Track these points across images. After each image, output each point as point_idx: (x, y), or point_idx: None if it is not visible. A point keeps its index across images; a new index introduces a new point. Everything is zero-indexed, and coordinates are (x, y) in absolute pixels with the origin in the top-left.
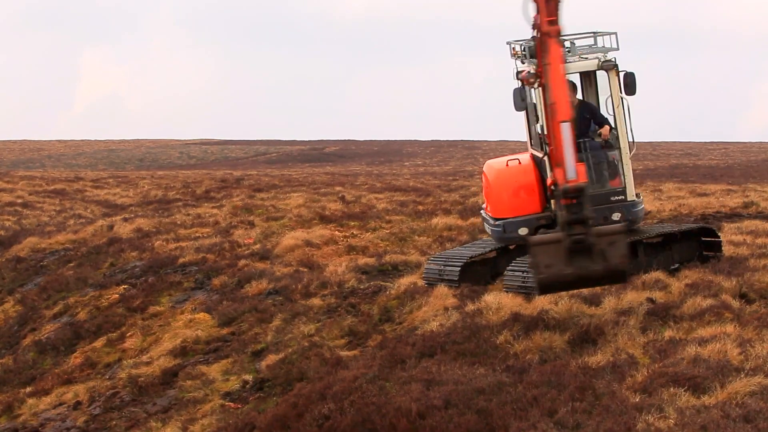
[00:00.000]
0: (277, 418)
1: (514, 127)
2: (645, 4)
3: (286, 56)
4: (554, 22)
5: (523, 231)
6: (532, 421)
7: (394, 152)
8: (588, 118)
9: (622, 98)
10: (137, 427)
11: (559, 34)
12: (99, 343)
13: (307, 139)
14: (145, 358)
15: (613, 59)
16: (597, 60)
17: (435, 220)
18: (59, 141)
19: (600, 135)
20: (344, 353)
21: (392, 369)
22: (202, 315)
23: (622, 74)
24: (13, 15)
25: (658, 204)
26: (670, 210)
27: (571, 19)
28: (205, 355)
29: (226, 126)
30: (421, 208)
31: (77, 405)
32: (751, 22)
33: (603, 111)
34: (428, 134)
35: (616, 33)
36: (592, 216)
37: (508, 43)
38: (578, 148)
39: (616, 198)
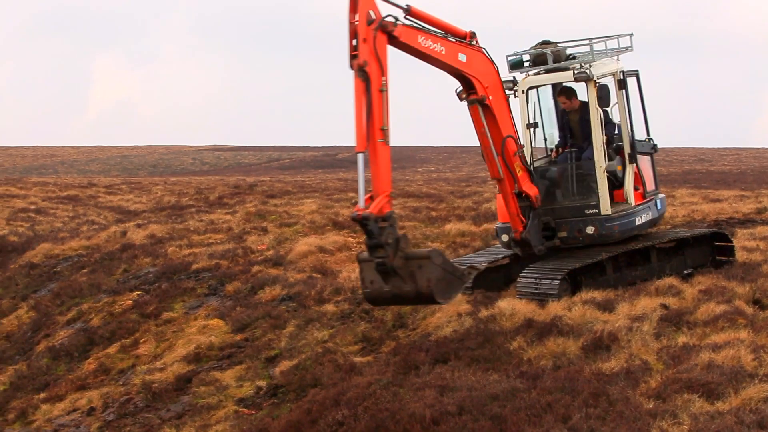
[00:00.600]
0: (291, 425)
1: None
2: (658, 8)
3: (300, 62)
4: (354, 56)
5: (504, 237)
6: (546, 428)
7: (407, 158)
8: (588, 121)
9: (598, 109)
10: None
11: (360, 68)
12: (113, 349)
13: (320, 145)
14: (158, 364)
15: (587, 70)
16: (571, 71)
17: (448, 226)
18: (72, 147)
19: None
20: (358, 359)
21: (406, 375)
22: (215, 321)
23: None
24: (25, 22)
25: (671, 210)
26: (683, 216)
27: (589, 18)
28: (218, 361)
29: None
30: (434, 214)
31: (91, 411)
32: (766, 28)
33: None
34: (441, 140)
35: (632, 34)
36: (389, 241)
37: (507, 56)
38: (563, 159)
39: (590, 212)
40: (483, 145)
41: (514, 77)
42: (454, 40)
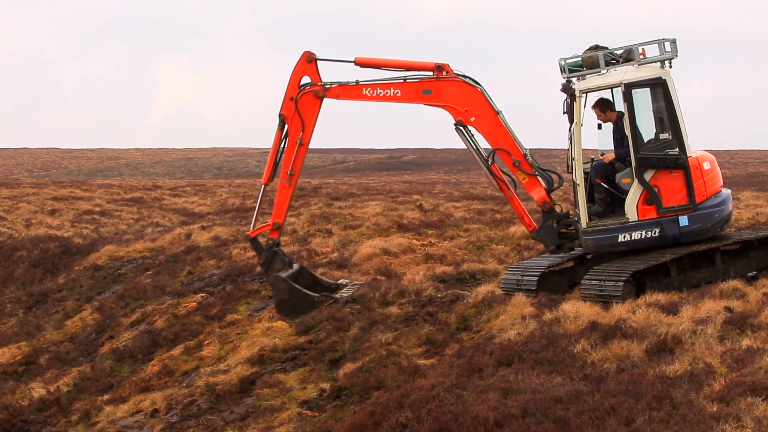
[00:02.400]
0: (355, 427)
1: (593, 136)
2: (724, 9)
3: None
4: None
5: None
6: (610, 430)
7: (472, 161)
8: (613, 134)
9: (579, 123)
10: None
11: (281, 118)
12: (176, 351)
13: (384, 148)
14: (222, 366)
15: (571, 85)
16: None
17: (513, 229)
18: (137, 149)
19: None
20: (421, 362)
21: (470, 377)
22: (279, 323)
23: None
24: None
25: (735, 212)
26: (748, 218)
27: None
28: (282, 363)
29: None
30: (498, 216)
31: (154, 413)
32: None
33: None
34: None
35: (675, 39)
36: (261, 261)
37: (559, 60)
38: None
39: (579, 222)
40: (476, 161)
41: (568, 80)
42: (416, 79)
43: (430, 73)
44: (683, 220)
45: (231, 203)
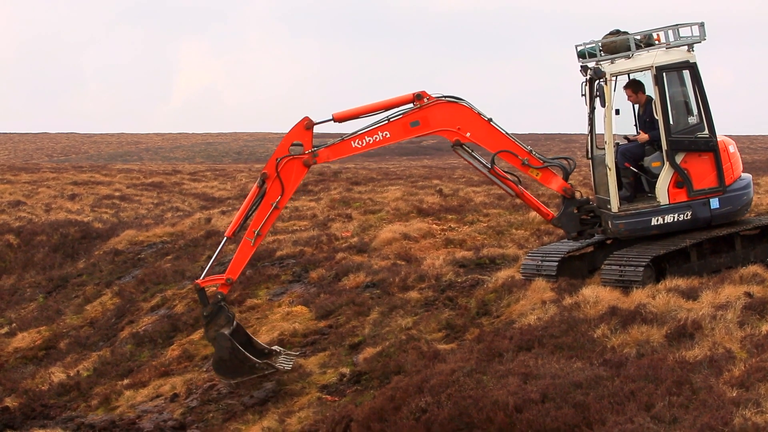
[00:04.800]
0: (374, 411)
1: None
2: None
3: (384, 49)
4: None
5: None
6: (629, 415)
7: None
8: (642, 116)
9: (611, 106)
10: (234, 420)
11: (261, 177)
12: (196, 335)
13: None
14: None
15: (601, 69)
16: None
17: (532, 214)
18: (157, 134)
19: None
20: (441, 346)
21: (489, 362)
22: (299, 308)
23: (612, 82)
24: (111, 11)
25: (756, 198)
26: (767, 204)
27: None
28: (302, 347)
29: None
30: (518, 201)
31: (174, 397)
32: None
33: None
34: (526, 128)
35: (703, 23)
36: (204, 314)
37: (576, 46)
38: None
39: (608, 207)
40: (481, 173)
41: (586, 65)
42: (401, 115)
43: (411, 105)
44: (714, 203)
45: (251, 188)
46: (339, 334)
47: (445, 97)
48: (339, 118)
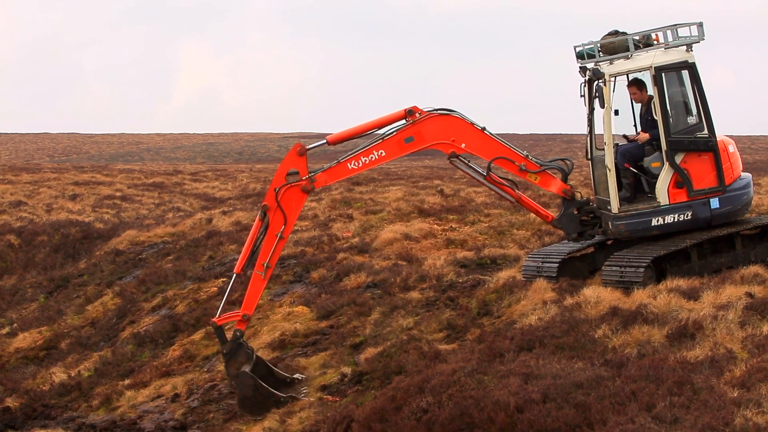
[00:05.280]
0: (375, 411)
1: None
2: None
3: (385, 49)
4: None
5: None
6: (630, 416)
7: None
8: (643, 115)
9: (610, 106)
10: (235, 420)
11: (263, 209)
12: (197, 335)
13: None
14: None
15: (600, 70)
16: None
17: (533, 214)
18: (158, 134)
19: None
20: (443, 347)
21: (490, 363)
22: (300, 308)
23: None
24: (111, 12)
25: (756, 198)
26: None
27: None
28: (303, 348)
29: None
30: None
31: (175, 397)
32: None
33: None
34: (526, 128)
35: (701, 23)
36: (224, 351)
37: (575, 47)
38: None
39: (608, 207)
40: (478, 182)
41: (584, 66)
42: (394, 132)
43: (403, 122)
44: (714, 203)
45: (252, 188)
46: (340, 335)
47: (437, 110)
48: (332, 141)
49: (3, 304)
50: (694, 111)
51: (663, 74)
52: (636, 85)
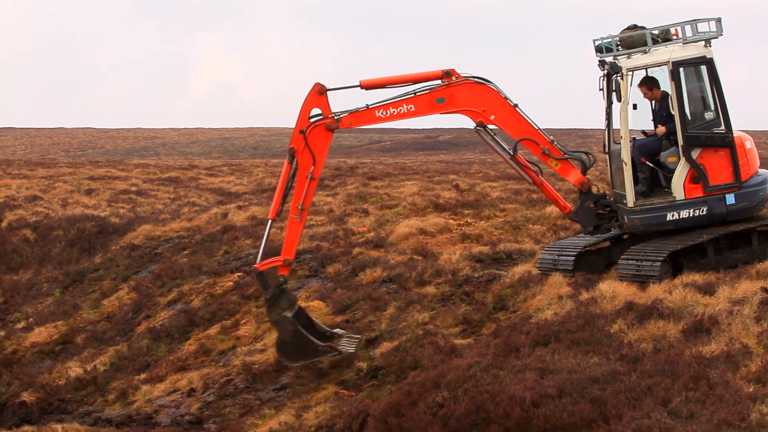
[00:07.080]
0: (391, 406)
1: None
2: None
3: (401, 44)
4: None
5: None
6: (646, 411)
7: (508, 140)
8: (657, 111)
9: (627, 101)
10: (251, 414)
11: (290, 152)
12: (213, 330)
13: (421, 128)
14: (259, 345)
15: (618, 64)
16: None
17: (549, 209)
18: (173, 129)
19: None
20: (458, 341)
21: (506, 357)
22: (316, 303)
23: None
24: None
25: None
26: None
27: None
28: None
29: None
30: (535, 196)
31: (191, 392)
32: None
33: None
34: (542, 122)
35: (720, 18)
36: (267, 297)
37: (593, 40)
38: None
39: (624, 201)
40: (502, 158)
41: (603, 60)
42: (427, 90)
43: (439, 82)
44: (730, 199)
45: (267, 183)
46: (356, 329)
47: (474, 77)
48: (366, 86)
49: (19, 298)
50: (712, 106)
51: (681, 69)
52: (645, 84)
